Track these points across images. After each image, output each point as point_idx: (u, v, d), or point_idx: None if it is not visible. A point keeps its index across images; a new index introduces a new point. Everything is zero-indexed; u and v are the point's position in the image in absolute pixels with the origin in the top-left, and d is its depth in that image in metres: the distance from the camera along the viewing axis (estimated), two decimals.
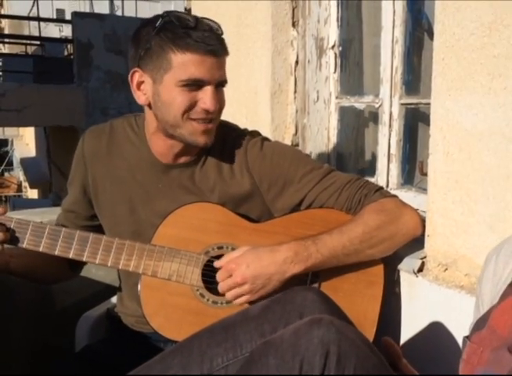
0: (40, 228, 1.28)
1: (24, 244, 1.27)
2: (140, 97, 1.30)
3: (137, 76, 1.29)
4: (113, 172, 1.40)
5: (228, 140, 1.40)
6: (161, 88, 1.25)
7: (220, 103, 1.29)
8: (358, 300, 1.31)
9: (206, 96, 1.24)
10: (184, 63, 1.22)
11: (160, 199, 1.37)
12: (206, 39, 1.23)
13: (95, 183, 1.42)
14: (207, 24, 1.26)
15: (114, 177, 1.40)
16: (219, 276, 1.25)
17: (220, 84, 1.29)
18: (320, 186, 1.36)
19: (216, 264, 1.27)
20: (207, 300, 1.29)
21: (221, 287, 1.25)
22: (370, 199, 1.33)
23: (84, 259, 1.29)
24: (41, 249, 1.28)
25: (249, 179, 1.37)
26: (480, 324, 0.94)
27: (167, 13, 1.28)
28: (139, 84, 1.29)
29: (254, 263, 1.22)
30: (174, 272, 1.28)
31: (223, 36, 1.29)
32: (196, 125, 1.27)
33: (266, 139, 1.45)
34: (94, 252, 1.28)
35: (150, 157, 1.38)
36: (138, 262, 1.28)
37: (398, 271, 1.41)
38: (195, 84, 1.24)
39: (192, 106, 1.25)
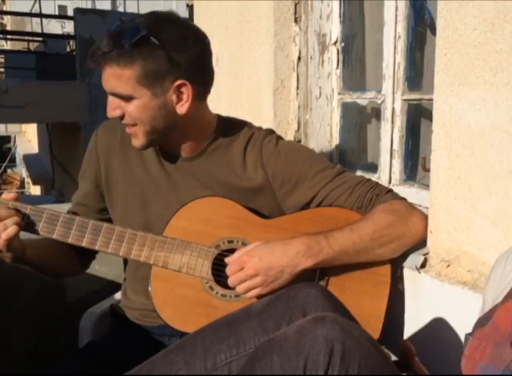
0: (54, 215, 1.30)
1: (39, 231, 1.29)
2: None
3: None
4: (126, 165, 1.42)
5: (241, 136, 1.42)
6: None
7: (120, 112, 1.28)
8: (365, 299, 1.31)
9: None
10: None
11: (171, 192, 1.38)
12: (101, 46, 1.22)
13: (108, 176, 1.44)
14: (111, 32, 1.23)
15: (127, 170, 1.42)
16: (230, 269, 1.25)
17: (114, 94, 1.27)
18: (332, 184, 1.38)
19: (227, 260, 1.27)
20: (216, 293, 1.29)
21: (231, 281, 1.25)
22: (381, 199, 1.35)
23: (96, 248, 1.31)
24: (54, 236, 1.29)
25: (262, 174, 1.39)
26: (483, 321, 0.94)
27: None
28: None
29: (267, 256, 1.23)
30: (184, 264, 1.29)
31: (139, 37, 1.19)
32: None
33: (281, 137, 1.48)
34: (106, 242, 1.30)
35: (162, 150, 1.41)
36: (150, 252, 1.29)
37: (401, 267, 1.41)
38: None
39: None
